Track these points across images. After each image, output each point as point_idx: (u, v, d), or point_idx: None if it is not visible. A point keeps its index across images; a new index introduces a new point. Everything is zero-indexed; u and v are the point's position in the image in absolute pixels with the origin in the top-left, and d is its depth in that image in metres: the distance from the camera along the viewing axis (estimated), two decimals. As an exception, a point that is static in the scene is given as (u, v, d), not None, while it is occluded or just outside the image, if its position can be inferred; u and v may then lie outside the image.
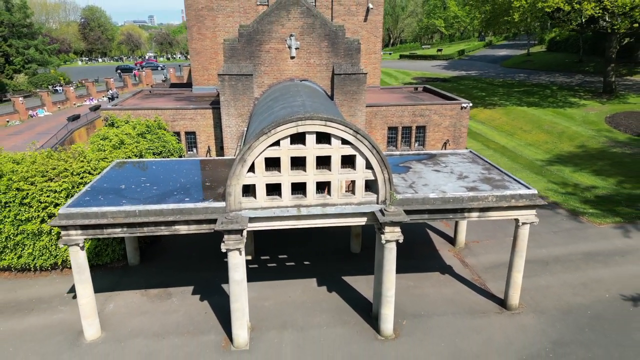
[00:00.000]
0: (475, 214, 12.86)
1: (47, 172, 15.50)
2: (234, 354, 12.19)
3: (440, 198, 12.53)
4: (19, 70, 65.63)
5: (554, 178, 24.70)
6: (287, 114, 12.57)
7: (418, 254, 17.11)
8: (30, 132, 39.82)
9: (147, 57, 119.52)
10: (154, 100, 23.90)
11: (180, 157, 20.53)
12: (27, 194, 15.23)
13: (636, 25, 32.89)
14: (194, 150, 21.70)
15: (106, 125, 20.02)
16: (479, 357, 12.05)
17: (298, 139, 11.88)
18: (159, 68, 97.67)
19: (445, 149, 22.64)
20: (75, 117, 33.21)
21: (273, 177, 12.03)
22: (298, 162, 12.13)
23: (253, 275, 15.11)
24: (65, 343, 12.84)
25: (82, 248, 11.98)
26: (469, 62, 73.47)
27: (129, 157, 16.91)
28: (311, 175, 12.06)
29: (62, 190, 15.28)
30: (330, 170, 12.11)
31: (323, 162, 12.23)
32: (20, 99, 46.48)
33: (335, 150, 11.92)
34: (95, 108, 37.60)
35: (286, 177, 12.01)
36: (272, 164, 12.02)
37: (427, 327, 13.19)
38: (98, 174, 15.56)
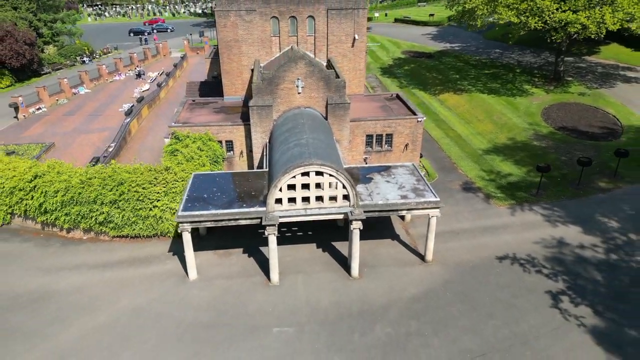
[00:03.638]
0: (404, 212, 22.92)
1: (152, 181, 25.40)
2: (271, 287, 22.74)
3: (384, 204, 22.52)
4: (47, 42, 72.73)
5: (485, 166, 34.45)
6: (298, 154, 22.23)
7: (379, 227, 27.26)
8: (82, 114, 48.94)
9: (154, 17, 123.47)
10: (199, 112, 33.15)
11: (224, 159, 30.27)
12: (142, 194, 25.24)
13: (572, 33, 41.00)
14: (232, 152, 31.35)
15: (172, 137, 29.55)
16: (403, 289, 22.57)
17: (305, 172, 21.64)
18: (168, 30, 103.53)
19: (406, 149, 32.22)
20: (129, 112, 42.22)
21: (291, 194, 21.95)
22: (305, 185, 21.97)
23: (279, 242, 25.37)
24: (178, 281, 23.40)
25: (188, 232, 22.15)
26: (456, 32, 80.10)
27: (198, 167, 26.68)
28: (312, 193, 21.95)
29: (162, 192, 25.26)
30: (323, 189, 21.98)
31: (319, 185, 22.07)
32: (66, 80, 55.00)
33: (326, 180, 21.73)
34: (140, 99, 46.43)
35: (299, 193, 21.91)
36: (291, 187, 21.88)
37: (377, 272, 23.67)
38: (182, 180, 25.46)
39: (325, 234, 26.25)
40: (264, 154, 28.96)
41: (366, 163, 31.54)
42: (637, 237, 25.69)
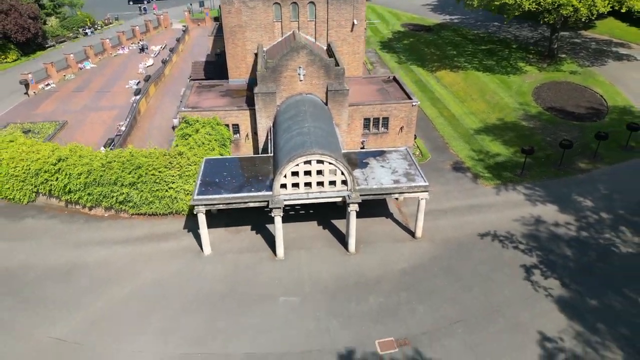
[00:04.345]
0: (396, 195, 25.44)
1: (167, 165, 27.77)
2: (278, 261, 25.56)
3: (379, 188, 25.00)
4: (49, 13, 73.12)
5: (476, 146, 36.71)
6: (301, 143, 24.51)
7: (375, 205, 29.80)
8: (90, 90, 50.62)
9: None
10: (206, 96, 35.07)
11: (231, 141, 32.50)
12: (158, 177, 27.67)
13: (565, 15, 42.19)
14: (238, 135, 33.53)
15: (183, 121, 31.67)
16: (394, 264, 25.38)
17: (307, 161, 23.98)
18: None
19: (401, 131, 34.37)
20: (137, 92, 43.96)
21: (295, 180, 24.37)
22: (307, 172, 24.37)
23: (283, 220, 28.01)
24: (194, 256, 26.21)
25: (203, 213, 24.72)
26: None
27: (209, 152, 28.97)
28: (314, 179, 24.38)
29: (176, 175, 27.69)
30: (323, 175, 24.39)
31: (320, 171, 24.48)
32: (72, 55, 56.25)
33: (326, 167, 24.11)
34: (147, 78, 48.02)
35: (301, 179, 24.34)
36: (294, 173, 24.27)
37: (372, 248, 26.44)
38: (194, 164, 27.84)
39: (325, 213, 28.84)
40: (269, 137, 31.19)
41: (363, 146, 33.81)
42: (607, 215, 28.33)
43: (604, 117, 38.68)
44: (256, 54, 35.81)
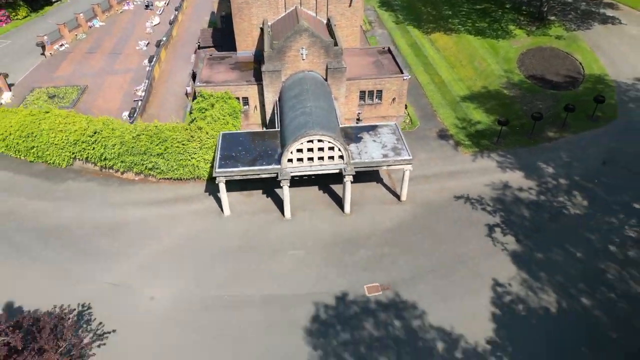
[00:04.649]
0: (385, 167, 30.28)
1: (189, 138, 32.33)
2: (285, 221, 30.93)
3: (370, 162, 29.78)
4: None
5: (460, 114, 40.88)
6: (304, 123, 28.96)
7: (368, 172, 34.67)
8: (102, 52, 53.70)
9: None
10: (217, 69, 38.69)
11: (241, 112, 36.70)
12: (182, 149, 32.34)
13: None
14: (247, 106, 37.63)
15: (199, 96, 35.71)
16: (381, 223, 30.70)
17: (310, 140, 28.55)
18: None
19: (393, 102, 38.42)
20: (150, 59, 47.19)
21: (299, 155, 29.09)
22: (310, 149, 29.01)
23: (289, 185, 33.02)
24: (214, 216, 31.54)
25: (223, 182, 29.68)
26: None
27: (224, 126, 33.36)
28: (316, 154, 29.09)
29: (197, 147, 32.33)
30: (323, 152, 29.08)
31: (321, 148, 29.12)
32: (81, 14, 58.47)
33: (326, 144, 28.73)
34: (157, 43, 50.87)
35: (305, 155, 29.06)
36: (299, 150, 28.94)
37: (363, 209, 31.69)
38: (212, 138, 32.38)
39: (325, 179, 33.69)
40: (275, 109, 35.41)
41: (359, 117, 38.03)
42: (564, 181, 33.31)
43: (579, 86, 42.44)
44: (262, 28, 39.00)
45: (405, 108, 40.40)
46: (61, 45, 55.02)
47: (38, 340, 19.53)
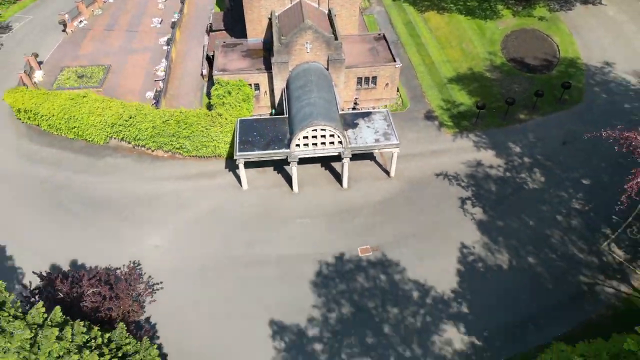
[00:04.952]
0: (377, 151, 36.31)
1: (211, 123, 38.11)
2: (294, 194, 37.37)
3: (364, 146, 35.79)
4: None
5: (446, 95, 46.21)
6: (309, 114, 34.70)
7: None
8: (119, 29, 57.93)
9: None
10: (231, 57, 43.64)
11: (253, 96, 42.12)
12: (205, 132, 38.21)
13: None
14: (258, 91, 42.96)
15: (217, 83, 40.99)
16: (373, 196, 37.13)
17: (314, 129, 34.41)
18: None
19: (386, 87, 43.71)
20: (168, 41, 51.67)
21: (305, 141, 35.06)
22: (314, 136, 34.92)
23: (297, 163, 39.13)
24: (235, 190, 37.95)
25: (242, 163, 35.81)
26: None
27: (240, 112, 38.99)
28: (319, 140, 35.06)
29: (218, 131, 38.19)
30: (325, 138, 35.01)
31: (323, 135, 35.02)
32: (96, -10, 61.92)
33: (327, 132, 34.63)
34: (172, 25, 55.01)
35: (310, 140, 35.03)
36: (305, 137, 34.86)
37: (359, 184, 38.05)
38: (231, 123, 38.15)
39: (327, 158, 39.63)
40: (283, 96, 40.85)
41: (356, 100, 43.45)
42: (528, 159, 39.39)
43: (553, 70, 47.44)
44: (270, 18, 43.57)
45: (398, 91, 45.69)
46: (80, 22, 59.12)
47: (114, 289, 26.46)
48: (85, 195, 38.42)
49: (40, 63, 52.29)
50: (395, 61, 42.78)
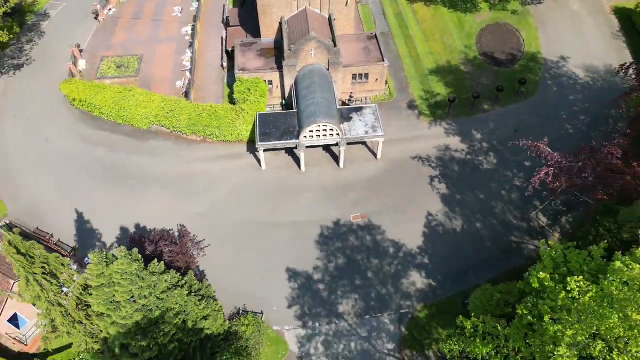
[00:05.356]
0: (366, 141, 46.77)
1: (236, 116, 48.24)
2: (301, 173, 48.21)
3: (356, 137, 46.23)
4: None
5: (426, 87, 55.71)
6: (314, 112, 44.87)
7: (356, 135, 50.95)
8: (145, 18, 65.32)
9: None
10: (249, 56, 52.73)
11: (267, 90, 51.81)
12: (232, 124, 48.41)
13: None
14: (271, 85, 52.50)
15: (238, 80, 50.51)
16: (363, 175, 47.93)
17: (317, 125, 44.68)
18: None
19: (377, 81, 53.21)
20: (192, 33, 60.19)
21: (310, 133, 45.43)
22: (317, 129, 45.24)
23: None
24: (256, 169, 48.78)
25: (262, 150, 46.34)
26: None
27: (258, 107, 48.93)
28: (321, 132, 45.43)
29: (242, 122, 48.39)
30: (326, 131, 45.35)
31: (325, 129, 45.33)
32: (120, -21, 69.19)
33: (329, 128, 44.93)
34: (194, 19, 62.99)
35: (314, 133, 45.40)
36: (310, 131, 45.20)
37: (352, 165, 48.78)
38: (252, 116, 48.27)
39: (329, 146, 49.94)
40: (292, 92, 50.54)
41: (351, 96, 53.07)
42: (486, 145, 49.77)
43: (516, 64, 56.55)
44: (280, 23, 52.28)
45: (386, 83, 55.18)
46: (109, 10, 67.10)
47: (179, 247, 37.89)
48: (136, 172, 49.19)
49: (80, 51, 61.13)
50: (384, 61, 52.04)
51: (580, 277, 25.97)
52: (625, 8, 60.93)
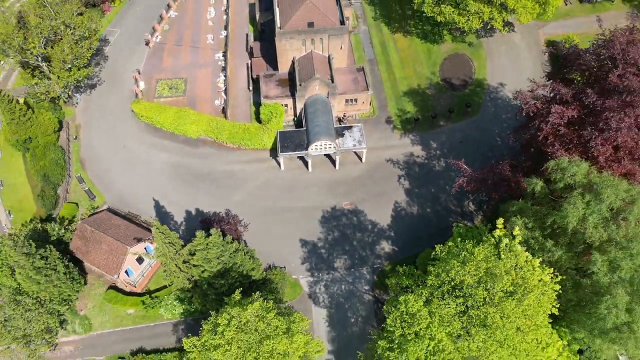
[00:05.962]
0: (353, 150, 67.42)
1: (262, 132, 68.65)
2: (309, 173, 68.97)
3: (346, 149, 66.83)
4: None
5: (400, 106, 75.54)
6: (318, 132, 65.33)
7: (347, 144, 71.28)
8: (185, 45, 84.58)
9: None
10: (270, 86, 72.36)
11: (283, 111, 71.94)
12: (260, 138, 68.84)
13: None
14: (286, 107, 72.43)
15: (264, 105, 70.44)
16: (351, 174, 68.73)
17: (320, 142, 65.17)
18: None
19: (363, 103, 73.08)
20: (224, 63, 79.61)
21: (316, 147, 65.98)
22: (320, 144, 65.74)
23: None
24: (276, 170, 69.62)
25: (283, 158, 67.09)
26: None
27: (278, 127, 69.17)
28: (323, 146, 65.97)
29: (267, 136, 68.83)
30: (326, 145, 65.86)
31: (325, 144, 65.81)
32: (163, 10, 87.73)
33: (328, 143, 65.45)
34: (225, 49, 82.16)
35: (318, 147, 65.97)
36: (315, 145, 65.72)
37: (344, 166, 69.42)
38: (274, 133, 68.63)
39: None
40: (302, 114, 70.59)
41: (344, 116, 73.07)
42: (439, 152, 70.17)
43: (467, 89, 76.12)
44: (293, 61, 71.72)
45: (371, 103, 75.05)
46: (157, 37, 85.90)
47: (232, 224, 59.11)
48: (194, 172, 69.97)
49: (139, 73, 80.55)
50: (368, 90, 71.82)
51: (471, 242, 47.05)
52: (555, 40, 79.97)
